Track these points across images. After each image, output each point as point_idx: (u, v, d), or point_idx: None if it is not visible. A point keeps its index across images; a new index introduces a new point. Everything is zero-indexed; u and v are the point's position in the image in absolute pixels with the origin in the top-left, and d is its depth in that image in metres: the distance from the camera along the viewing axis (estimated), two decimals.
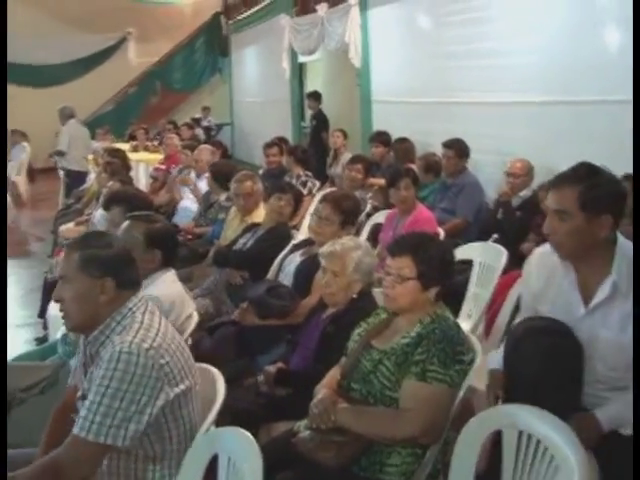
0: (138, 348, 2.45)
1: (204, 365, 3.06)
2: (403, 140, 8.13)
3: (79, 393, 2.65)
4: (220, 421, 2.98)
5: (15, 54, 18.27)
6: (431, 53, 8.32)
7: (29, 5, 18.07)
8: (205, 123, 17.50)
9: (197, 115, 17.92)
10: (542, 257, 2.99)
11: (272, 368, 3.62)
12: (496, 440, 2.58)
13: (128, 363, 2.41)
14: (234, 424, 2.76)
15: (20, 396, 3.67)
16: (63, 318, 2.67)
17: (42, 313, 6.00)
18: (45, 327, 5.82)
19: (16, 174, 14.05)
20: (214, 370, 2.98)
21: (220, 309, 4.99)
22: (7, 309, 3.67)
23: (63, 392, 3.61)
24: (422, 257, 2.93)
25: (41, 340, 5.95)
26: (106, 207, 4.60)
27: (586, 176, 2.69)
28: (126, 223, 3.71)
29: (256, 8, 15.27)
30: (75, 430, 2.41)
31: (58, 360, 3.98)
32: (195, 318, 3.73)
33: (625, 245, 2.73)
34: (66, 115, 11.14)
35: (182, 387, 2.55)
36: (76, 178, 11.07)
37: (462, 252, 4.62)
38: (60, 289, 2.61)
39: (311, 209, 5.82)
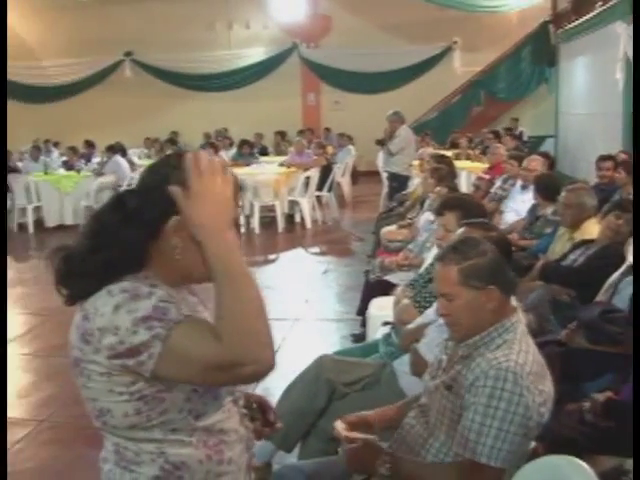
0: (522, 370, 2.45)
1: None
2: None
3: (443, 379, 2.67)
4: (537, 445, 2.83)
5: (342, 62, 19.41)
6: None
7: (358, 17, 19.04)
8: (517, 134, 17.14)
9: (507, 126, 17.66)
10: None
11: (601, 396, 3.41)
12: None
13: (515, 384, 2.42)
14: (553, 450, 2.61)
15: (342, 390, 3.77)
16: (450, 328, 2.73)
17: (361, 311, 6.14)
18: (363, 325, 5.97)
19: (341, 175, 14.71)
20: None
21: (543, 326, 4.78)
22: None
23: (383, 391, 3.67)
24: None
25: (357, 337, 6.12)
26: (439, 212, 4.59)
27: None
28: (461, 230, 3.67)
29: (588, 16, 14.63)
30: (468, 454, 2.44)
31: (380, 360, 4.03)
32: None
33: None
34: (400, 119, 11.55)
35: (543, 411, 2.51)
36: (401, 182, 11.40)
37: None
38: (443, 306, 2.69)
39: None
